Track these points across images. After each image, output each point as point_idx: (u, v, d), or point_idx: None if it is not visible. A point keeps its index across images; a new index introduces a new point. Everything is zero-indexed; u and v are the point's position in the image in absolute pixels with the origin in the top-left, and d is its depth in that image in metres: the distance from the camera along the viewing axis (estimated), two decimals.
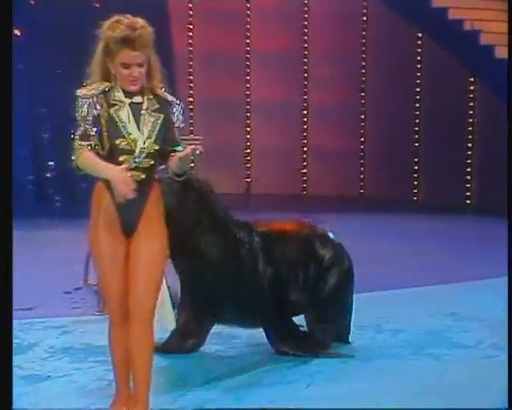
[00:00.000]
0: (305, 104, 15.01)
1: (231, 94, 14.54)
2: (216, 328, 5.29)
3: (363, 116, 14.84)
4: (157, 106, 3.81)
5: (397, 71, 14.17)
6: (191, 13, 14.61)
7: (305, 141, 15.08)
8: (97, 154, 3.73)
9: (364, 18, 14.58)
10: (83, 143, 3.74)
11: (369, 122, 14.81)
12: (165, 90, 3.89)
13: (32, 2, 13.10)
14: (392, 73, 14.20)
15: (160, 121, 3.80)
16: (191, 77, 14.73)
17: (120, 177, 3.61)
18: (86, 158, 3.73)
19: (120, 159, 3.70)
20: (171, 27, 13.51)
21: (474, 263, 8.54)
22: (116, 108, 3.75)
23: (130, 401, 3.93)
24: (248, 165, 14.93)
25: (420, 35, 13.87)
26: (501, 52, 11.14)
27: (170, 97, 3.88)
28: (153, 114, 3.80)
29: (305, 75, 14.96)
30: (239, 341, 5.50)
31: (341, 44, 14.50)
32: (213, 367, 4.98)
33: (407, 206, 13.72)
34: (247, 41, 14.85)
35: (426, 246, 9.64)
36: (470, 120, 13.58)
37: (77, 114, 3.77)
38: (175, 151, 3.78)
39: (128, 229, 3.78)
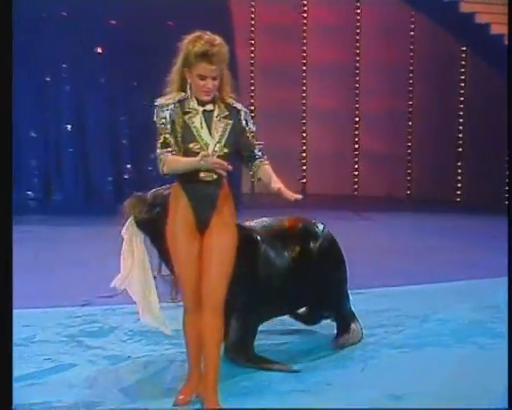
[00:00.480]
0: (356, 112, 14.95)
1: (288, 102, 14.56)
2: None
3: (409, 123, 14.74)
4: (226, 113, 3.86)
5: (441, 82, 14.06)
6: (253, 29, 14.68)
7: (356, 145, 15.03)
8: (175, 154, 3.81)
9: (412, 33, 14.49)
10: (164, 151, 3.79)
11: (415, 128, 14.72)
12: (233, 99, 3.92)
13: (114, 23, 13.29)
14: (437, 84, 14.10)
15: (229, 127, 3.85)
16: (252, 87, 14.78)
17: (207, 158, 3.67)
18: (170, 162, 3.78)
19: (201, 153, 3.73)
20: (235, 41, 13.58)
21: None
22: (190, 115, 3.81)
23: (200, 384, 3.96)
24: (304, 167, 14.92)
25: (463, 49, 13.73)
26: None
27: (238, 105, 3.92)
28: (223, 120, 3.85)
29: (357, 85, 14.91)
30: None
31: (390, 57, 14.44)
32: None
33: (450, 205, 13.59)
34: (304, 54, 14.86)
35: (468, 243, 9.54)
36: (510, 128, 13.35)
37: (156, 122, 3.84)
38: (253, 156, 3.93)
39: (202, 225, 3.82)
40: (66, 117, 13.21)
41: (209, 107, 3.84)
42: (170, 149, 3.78)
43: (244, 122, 3.92)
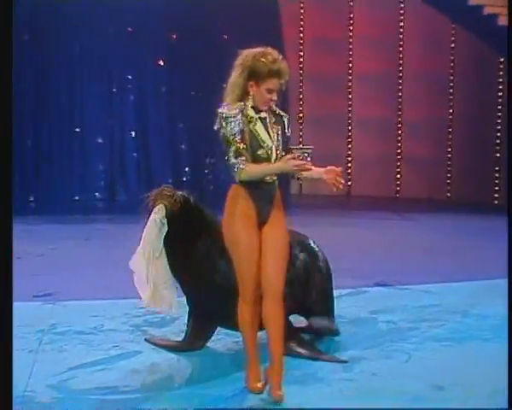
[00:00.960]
0: (399, 119, 14.83)
1: (335, 110, 14.52)
2: None
3: (450, 129, 14.56)
4: (274, 119, 3.92)
5: (480, 90, 13.87)
6: (301, 41, 14.67)
7: (399, 150, 14.89)
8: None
9: (452, 44, 14.32)
10: (239, 160, 3.80)
11: (455, 134, 14.52)
12: (276, 106, 3.97)
13: (174, 37, 13.42)
14: (476, 92, 13.91)
15: (279, 132, 3.90)
16: (301, 95, 14.77)
17: (289, 161, 3.70)
18: (250, 170, 3.81)
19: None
20: (285, 53, 13.56)
21: None
22: (253, 123, 3.84)
23: (259, 370, 3.97)
24: (349, 170, 14.85)
25: (501, 60, 13.51)
26: None
27: (281, 112, 3.99)
28: (274, 126, 3.90)
29: (400, 94, 14.78)
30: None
31: (431, 67, 14.29)
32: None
33: (488, 207, 13.37)
34: (350, 64, 14.78)
35: (505, 243, 9.35)
36: None
37: (223, 132, 3.83)
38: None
39: (261, 220, 3.87)
40: (130, 124, 13.38)
41: (263, 114, 3.88)
42: (243, 158, 3.80)
43: (287, 127, 3.98)
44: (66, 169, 13.00)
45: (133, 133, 13.35)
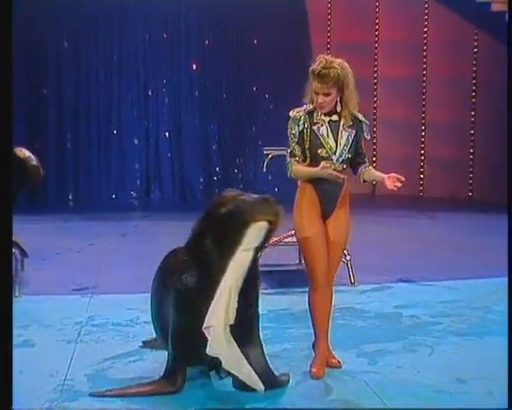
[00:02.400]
0: (422, 121, 14.71)
1: (361, 112, 14.44)
2: None
3: (472, 131, 14.41)
4: (350, 123, 4.08)
5: (502, 94, 13.66)
6: (328, 46, 14.60)
7: (422, 151, 14.77)
8: (302, 161, 4.08)
9: (475, 49, 14.16)
10: (292, 159, 4.08)
11: (476, 136, 14.36)
12: (358, 111, 4.14)
13: (207, 43, 13.47)
14: (498, 96, 13.71)
15: (352, 135, 4.08)
16: None
17: (327, 170, 3.94)
18: (297, 170, 4.08)
19: (321, 164, 4.00)
20: (313, 57, 13.52)
21: None
22: (318, 125, 4.03)
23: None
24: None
25: None
26: None
27: (361, 117, 4.15)
28: (347, 129, 4.08)
29: (424, 97, 14.66)
30: None
31: (455, 70, 14.14)
32: None
33: (508, 207, 13.20)
34: (375, 68, 14.70)
35: None
36: None
37: (288, 131, 4.08)
38: (361, 162, 4.20)
39: (325, 215, 4.09)
40: (164, 126, 13.45)
41: (334, 117, 4.06)
42: (297, 158, 4.06)
43: (365, 132, 4.17)
44: (103, 169, 13.10)
45: (167, 134, 13.42)
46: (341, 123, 4.06)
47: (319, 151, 4.02)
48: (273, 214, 3.62)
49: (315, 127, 4.02)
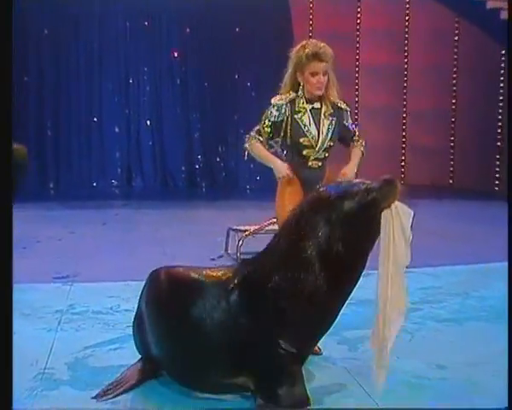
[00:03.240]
0: (404, 108, 14.77)
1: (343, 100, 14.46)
2: None
3: (453, 119, 14.49)
4: (331, 111, 4.06)
5: (482, 81, 13.77)
6: (311, 34, 14.57)
7: (404, 139, 14.85)
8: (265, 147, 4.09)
9: (456, 37, 14.22)
10: (257, 136, 4.06)
11: (458, 124, 14.46)
12: (338, 99, 4.12)
13: (188, 31, 13.42)
14: (479, 83, 13.81)
15: (334, 123, 4.06)
16: None
17: (280, 167, 4.01)
18: (258, 148, 4.08)
19: (304, 153, 4.04)
20: (295, 46, 13.53)
21: None
22: (300, 114, 4.01)
23: None
24: None
25: (503, 52, 13.41)
26: None
27: (342, 104, 4.13)
28: (328, 117, 4.06)
29: (405, 85, 14.71)
30: None
31: (436, 58, 14.21)
32: None
33: (489, 194, 13.29)
34: (357, 56, 14.71)
35: (504, 228, 9.31)
36: None
37: (266, 113, 4.05)
38: (351, 142, 4.23)
39: None
40: (145, 114, 13.40)
41: (316, 105, 4.04)
42: (261, 139, 4.06)
43: (346, 119, 4.15)
44: (84, 157, 13.05)
45: (148, 122, 13.37)
46: (323, 111, 4.05)
47: (301, 140, 4.02)
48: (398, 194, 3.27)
49: (297, 116, 4.01)
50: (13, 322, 2.84)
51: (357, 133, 4.28)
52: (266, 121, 4.03)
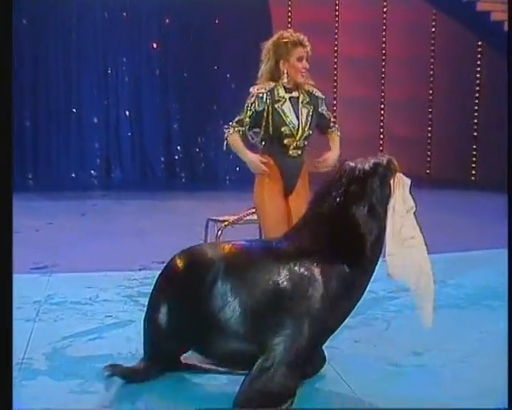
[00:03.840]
0: (382, 99, 14.82)
1: (322, 91, 14.46)
2: None
3: (430, 109, 14.57)
4: (308, 99, 4.09)
5: (458, 72, 13.86)
6: (289, 25, 14.55)
7: (382, 129, 14.90)
8: (247, 136, 4.12)
9: (433, 29, 14.29)
10: (238, 126, 4.04)
11: (435, 113, 14.55)
12: (313, 87, 4.17)
13: (167, 21, 13.36)
14: (455, 74, 13.90)
15: (311, 111, 4.08)
16: None
17: (253, 163, 4.04)
18: (235, 141, 4.07)
19: (285, 142, 4.04)
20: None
21: None
22: (280, 103, 4.01)
23: None
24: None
25: (479, 43, 13.51)
26: None
27: (317, 92, 4.16)
28: (306, 106, 4.08)
29: (383, 76, 14.76)
30: None
31: (413, 50, 14.27)
32: None
33: (465, 184, 13.40)
34: (335, 48, 14.73)
35: (482, 217, 9.41)
36: None
37: (247, 104, 4.03)
38: (328, 129, 4.27)
39: (288, 190, 4.11)
40: (124, 104, 13.32)
41: (295, 94, 4.05)
42: (242, 129, 4.05)
43: (322, 107, 4.17)
44: (63, 148, 12.96)
45: (127, 113, 13.30)
46: (300, 99, 4.06)
47: (283, 129, 4.02)
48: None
49: (277, 105, 4.01)
50: (13, 322, 2.81)
51: (332, 119, 4.32)
52: (248, 111, 4.03)
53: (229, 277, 3.18)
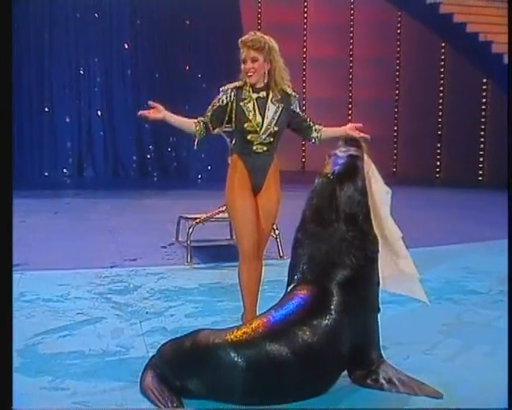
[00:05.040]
0: (349, 99, 14.90)
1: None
2: None
3: (395, 109, 14.68)
4: (279, 97, 4.06)
5: (423, 73, 13.98)
6: (259, 27, 14.56)
7: None
8: (210, 129, 4.08)
9: (398, 30, 14.40)
10: (201, 118, 4.08)
11: (400, 113, 14.66)
12: (287, 86, 4.13)
13: (139, 23, 13.29)
14: (420, 75, 14.02)
15: (280, 109, 4.06)
16: None
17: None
18: (189, 124, 4.12)
19: (248, 137, 4.03)
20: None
21: (485, 227, 8.39)
22: (245, 101, 4.02)
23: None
24: (303, 148, 14.89)
25: (443, 44, 13.64)
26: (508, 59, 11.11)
27: (289, 91, 4.13)
28: (275, 103, 4.05)
29: (350, 76, 14.84)
30: None
31: (379, 51, 14.36)
32: None
33: (431, 182, 13.53)
34: (304, 49, 14.77)
35: (444, 213, 9.51)
36: (483, 113, 13.31)
37: (214, 100, 4.06)
38: (310, 128, 4.25)
39: (255, 188, 4.07)
40: (96, 104, 13.23)
41: (262, 94, 4.05)
42: (201, 119, 4.07)
43: (294, 105, 4.14)
44: (36, 147, 12.83)
45: (99, 113, 13.21)
46: (270, 97, 4.05)
47: (245, 125, 4.02)
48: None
49: (242, 103, 4.01)
50: (13, 323, 2.77)
51: (309, 118, 4.30)
52: (210, 106, 4.07)
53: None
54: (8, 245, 2.76)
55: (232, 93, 4.02)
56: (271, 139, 4.07)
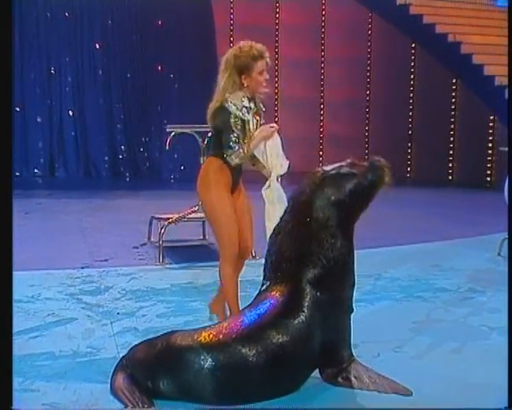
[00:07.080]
0: (321, 100, 14.95)
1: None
2: None
3: (367, 109, 14.76)
4: (256, 109, 4.07)
5: (394, 73, 14.08)
6: (232, 27, 14.55)
7: (321, 129, 15.03)
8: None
9: (369, 31, 14.48)
10: (237, 147, 3.92)
11: (372, 114, 14.74)
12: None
13: (110, 22, 13.20)
14: (391, 75, 14.12)
15: (259, 121, 4.08)
16: None
17: (264, 131, 3.99)
18: (243, 155, 3.97)
19: (239, 141, 3.94)
20: (216, 39, 13.52)
21: (454, 226, 8.48)
22: (248, 113, 4.00)
23: None
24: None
25: (413, 45, 13.76)
26: (477, 59, 11.34)
27: (261, 105, 4.14)
28: (255, 116, 4.07)
29: (322, 77, 14.89)
30: None
31: (350, 52, 14.43)
32: None
33: (402, 181, 13.63)
34: (276, 50, 14.76)
35: (415, 212, 9.59)
36: (453, 113, 13.44)
37: (231, 119, 3.91)
38: None
39: (233, 189, 4.08)
40: (68, 104, 13.13)
41: (251, 104, 4.03)
42: (238, 147, 3.93)
43: (262, 120, 4.13)
44: None
45: (71, 113, 13.10)
46: (253, 109, 4.05)
47: (244, 133, 3.98)
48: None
49: (240, 113, 3.96)
50: (13, 324, 2.72)
51: None
52: (233, 125, 3.92)
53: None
54: (8, 245, 2.73)
55: (243, 107, 3.97)
56: None
